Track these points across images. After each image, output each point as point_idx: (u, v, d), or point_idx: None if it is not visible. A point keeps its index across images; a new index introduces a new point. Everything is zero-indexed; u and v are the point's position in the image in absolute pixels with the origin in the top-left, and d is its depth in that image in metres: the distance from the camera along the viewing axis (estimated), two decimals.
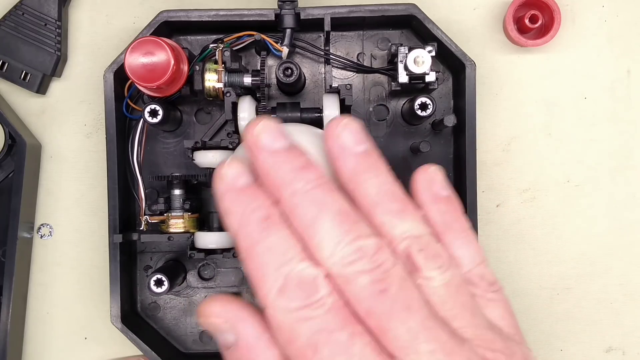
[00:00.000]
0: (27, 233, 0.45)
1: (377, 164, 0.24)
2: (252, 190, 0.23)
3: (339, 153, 0.24)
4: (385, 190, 0.24)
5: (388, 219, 0.23)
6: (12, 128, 0.43)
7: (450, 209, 0.26)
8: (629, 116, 0.46)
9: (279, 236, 0.22)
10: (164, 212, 0.41)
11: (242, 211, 0.23)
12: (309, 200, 0.22)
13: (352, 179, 0.24)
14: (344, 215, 0.22)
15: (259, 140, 0.23)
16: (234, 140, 0.40)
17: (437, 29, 0.42)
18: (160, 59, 0.37)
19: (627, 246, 0.46)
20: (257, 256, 0.22)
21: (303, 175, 0.23)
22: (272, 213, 0.23)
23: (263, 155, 0.23)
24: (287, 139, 0.23)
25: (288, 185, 0.23)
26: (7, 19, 0.44)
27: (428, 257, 0.23)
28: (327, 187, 0.23)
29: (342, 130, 0.24)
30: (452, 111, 0.44)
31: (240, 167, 0.24)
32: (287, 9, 0.41)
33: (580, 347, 0.46)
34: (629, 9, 0.46)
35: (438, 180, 0.27)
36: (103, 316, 0.45)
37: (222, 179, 0.23)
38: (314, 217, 0.22)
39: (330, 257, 0.22)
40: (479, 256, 0.26)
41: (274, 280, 0.22)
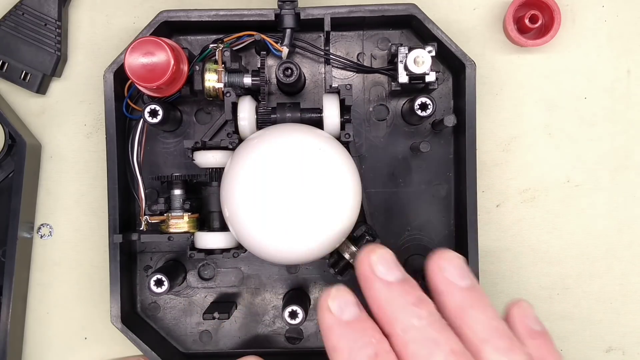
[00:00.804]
0: (27, 233, 0.45)
1: (482, 299, 0.24)
2: (361, 323, 0.23)
3: (445, 287, 0.24)
4: (493, 327, 0.24)
5: (496, 357, 0.23)
6: (12, 128, 0.43)
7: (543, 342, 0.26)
8: (629, 116, 0.46)
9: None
10: (164, 212, 0.41)
11: (350, 347, 0.22)
12: (422, 338, 0.22)
13: (458, 315, 0.24)
14: (457, 356, 0.22)
15: (375, 271, 0.23)
16: (234, 140, 0.40)
17: (437, 29, 0.42)
18: (160, 59, 0.37)
19: (627, 246, 0.46)
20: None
21: (416, 311, 0.23)
22: (381, 350, 0.22)
23: (378, 285, 0.23)
24: (402, 271, 0.23)
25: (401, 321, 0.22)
26: (7, 19, 0.44)
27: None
28: (439, 325, 0.23)
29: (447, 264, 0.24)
30: (452, 111, 0.44)
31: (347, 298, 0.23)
32: (287, 9, 0.41)
33: (580, 347, 0.46)
34: (629, 9, 0.46)
35: (530, 314, 0.27)
36: (103, 316, 0.45)
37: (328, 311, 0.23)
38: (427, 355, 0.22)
39: None
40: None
41: None
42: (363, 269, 0.23)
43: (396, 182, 0.45)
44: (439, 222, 0.45)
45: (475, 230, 0.42)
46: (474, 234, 0.42)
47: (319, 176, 0.34)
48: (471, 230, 0.42)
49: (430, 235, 0.45)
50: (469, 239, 0.42)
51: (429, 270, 0.24)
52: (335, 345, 0.23)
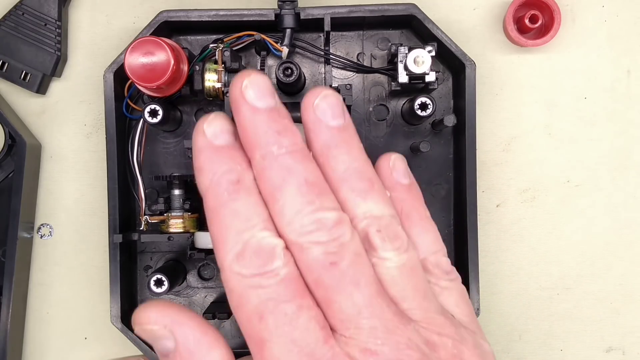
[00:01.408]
0: (27, 233, 0.45)
1: (350, 141, 0.24)
2: (229, 150, 0.23)
3: (313, 124, 0.24)
4: (354, 167, 0.24)
5: (352, 197, 0.23)
6: (12, 128, 0.43)
7: (409, 196, 0.26)
8: (629, 116, 0.46)
9: (246, 201, 0.22)
10: (164, 212, 0.41)
11: (214, 171, 0.22)
12: (278, 165, 0.22)
13: (322, 153, 0.24)
14: (310, 186, 0.22)
15: (244, 95, 0.22)
16: None
17: (437, 29, 0.42)
18: (160, 59, 0.37)
19: (627, 246, 0.46)
20: (221, 218, 0.22)
21: (278, 139, 0.22)
22: (244, 177, 0.22)
23: (244, 110, 0.22)
24: (273, 99, 0.23)
25: (261, 147, 0.22)
26: (7, 19, 0.44)
27: (385, 238, 0.23)
28: (299, 155, 0.22)
29: (320, 101, 0.23)
30: (452, 111, 0.44)
31: (223, 125, 0.23)
32: (287, 9, 0.41)
33: (580, 347, 0.46)
34: (629, 9, 0.46)
35: (399, 167, 0.27)
36: (103, 316, 0.45)
37: (202, 134, 0.23)
38: (279, 183, 0.22)
39: (289, 224, 0.22)
40: (436, 244, 0.26)
41: (233, 245, 0.22)
42: (233, 92, 0.23)
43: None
44: (439, 222, 0.44)
45: (475, 230, 0.42)
46: (474, 234, 0.42)
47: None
48: (471, 230, 0.42)
49: None
50: (469, 239, 0.42)
51: (302, 106, 0.24)
52: (201, 167, 0.23)
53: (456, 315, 0.25)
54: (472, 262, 0.41)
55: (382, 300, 0.22)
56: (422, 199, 0.27)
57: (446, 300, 0.25)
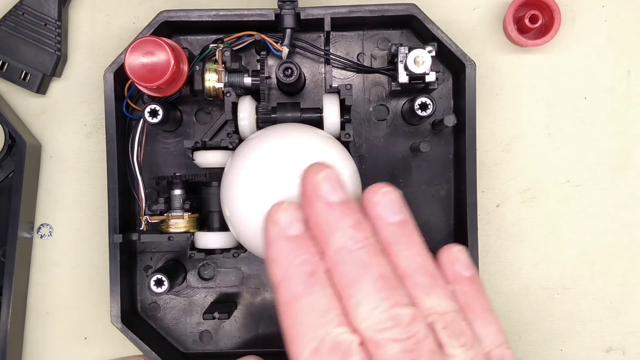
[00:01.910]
0: (27, 233, 0.45)
1: (411, 236, 0.24)
2: (303, 241, 0.23)
3: (374, 222, 0.24)
4: (416, 263, 0.24)
5: (416, 293, 0.23)
6: (12, 128, 0.43)
7: (472, 289, 0.26)
8: (628, 116, 0.46)
9: (321, 295, 0.22)
10: (164, 212, 0.41)
11: (289, 262, 0.22)
12: (353, 260, 0.22)
13: (385, 249, 0.24)
14: (385, 281, 0.22)
15: (318, 189, 0.23)
16: (234, 140, 0.40)
17: (437, 29, 0.42)
18: (160, 59, 0.37)
19: (627, 246, 0.46)
20: (296, 312, 0.22)
21: (353, 233, 0.22)
22: (318, 269, 0.22)
23: (319, 205, 0.23)
24: (345, 193, 0.23)
25: (337, 240, 0.22)
26: (7, 19, 0.44)
27: (452, 334, 0.23)
28: (374, 250, 0.22)
29: (381, 198, 0.24)
30: (452, 111, 0.44)
31: (295, 214, 0.23)
32: (287, 9, 0.41)
33: (580, 347, 0.46)
34: (629, 9, 0.46)
35: (461, 259, 0.26)
36: (103, 316, 0.45)
37: (275, 224, 0.23)
38: (355, 278, 0.22)
39: (365, 320, 0.22)
40: (500, 337, 0.26)
41: (309, 341, 0.21)
42: (306, 186, 0.23)
43: (396, 182, 0.45)
44: (439, 222, 0.45)
45: (475, 230, 0.42)
46: (474, 234, 0.42)
47: None
48: (471, 230, 0.42)
49: (430, 235, 0.45)
50: (469, 239, 0.42)
51: (364, 202, 0.24)
52: (275, 257, 0.23)
53: None
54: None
55: None
56: (484, 291, 0.27)
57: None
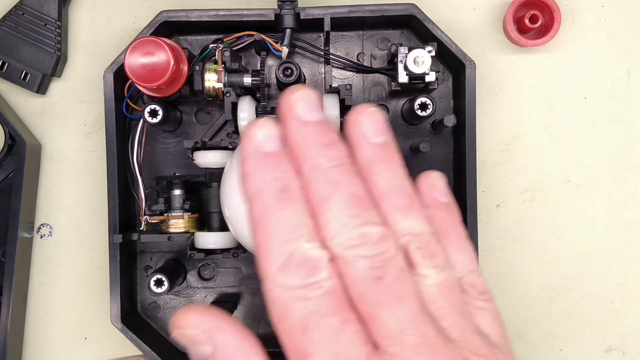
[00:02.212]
0: (27, 233, 0.45)
1: (392, 157, 0.24)
2: (277, 157, 0.23)
3: (357, 140, 0.24)
4: (394, 184, 0.24)
5: (392, 213, 0.23)
6: (12, 128, 0.43)
7: (448, 215, 0.26)
8: (629, 116, 0.46)
9: (293, 211, 0.22)
10: (164, 212, 0.41)
11: (262, 177, 0.22)
12: (326, 178, 0.22)
13: (364, 168, 0.24)
14: (356, 200, 0.22)
15: (294, 108, 0.23)
16: (234, 140, 0.40)
17: (437, 29, 0.42)
18: (160, 59, 0.37)
19: (627, 246, 0.46)
20: (266, 227, 0.22)
21: (327, 152, 0.23)
22: (291, 185, 0.22)
23: (294, 123, 0.23)
24: (321, 113, 0.23)
25: (310, 159, 0.22)
26: (7, 19, 0.44)
27: (425, 255, 0.23)
28: (346, 169, 0.23)
29: (366, 118, 0.24)
30: (452, 111, 0.44)
31: (272, 131, 0.23)
32: (287, 9, 0.41)
33: (580, 347, 0.46)
34: (629, 9, 0.46)
35: (439, 186, 0.27)
36: (103, 316, 0.45)
37: (251, 139, 0.23)
38: (326, 195, 0.22)
39: (335, 237, 0.22)
40: (472, 264, 0.26)
41: (277, 255, 0.22)
42: (282, 106, 0.23)
43: None
44: None
45: (475, 230, 0.42)
46: (474, 234, 0.42)
47: None
48: (471, 230, 0.42)
49: None
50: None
51: (347, 122, 0.24)
52: (249, 172, 0.23)
53: (490, 336, 0.25)
54: None
55: (425, 317, 0.22)
56: (459, 218, 0.27)
57: (481, 320, 0.25)
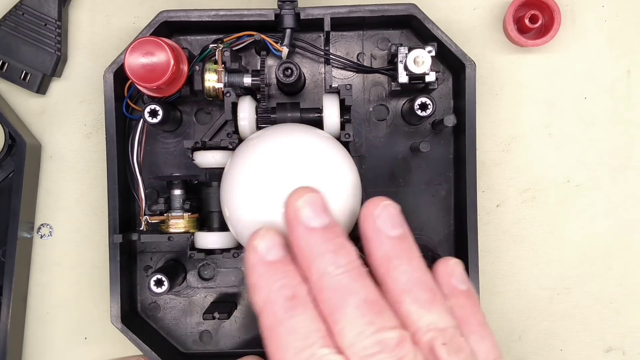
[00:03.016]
0: (27, 233, 0.45)
1: (410, 251, 0.24)
2: (283, 265, 0.23)
3: (374, 235, 0.24)
4: (416, 278, 0.24)
5: (415, 309, 0.23)
6: (12, 128, 0.43)
7: (468, 303, 0.26)
8: (629, 116, 0.46)
9: (303, 318, 0.22)
10: (164, 212, 0.41)
11: (269, 287, 0.22)
12: (336, 285, 0.22)
13: (383, 263, 0.24)
14: (369, 305, 0.22)
15: (299, 214, 0.23)
16: (234, 140, 0.40)
17: (437, 29, 0.42)
18: (160, 59, 0.37)
19: (627, 246, 0.46)
20: (279, 337, 0.22)
21: (335, 258, 0.22)
22: (299, 291, 0.22)
23: (300, 230, 0.23)
24: (328, 217, 0.23)
25: (318, 266, 0.22)
26: (7, 19, 0.44)
27: (451, 351, 0.23)
28: (357, 274, 0.22)
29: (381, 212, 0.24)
30: (452, 111, 0.44)
31: (274, 240, 0.23)
32: (287, 9, 0.41)
33: (580, 347, 0.46)
34: (629, 9, 0.46)
35: (457, 273, 0.26)
36: (103, 316, 0.45)
37: (254, 250, 0.23)
38: (339, 303, 0.22)
39: (350, 346, 0.21)
40: (494, 352, 0.26)
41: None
42: (288, 212, 0.23)
43: (396, 182, 0.45)
44: (439, 222, 0.45)
45: (475, 230, 0.42)
46: (474, 234, 0.42)
47: (318, 176, 0.34)
48: (471, 230, 0.42)
49: (430, 235, 0.45)
50: (469, 239, 0.42)
51: (361, 216, 0.24)
52: (255, 283, 0.23)
53: None
54: (472, 262, 0.41)
55: None
56: (479, 304, 0.27)
57: None
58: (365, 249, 0.24)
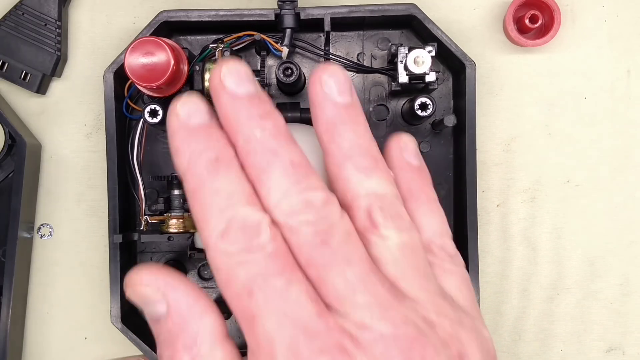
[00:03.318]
0: (27, 233, 0.45)
1: (356, 118, 0.24)
2: (206, 129, 0.22)
3: (320, 100, 0.23)
4: (359, 144, 0.23)
5: (355, 174, 0.23)
6: (12, 128, 0.43)
7: (418, 177, 0.26)
8: (629, 116, 0.46)
9: (227, 178, 0.22)
10: (164, 212, 0.41)
11: (192, 150, 0.22)
12: (263, 148, 0.22)
13: (327, 129, 0.23)
14: (296, 167, 0.22)
15: (224, 83, 0.22)
16: None
17: (437, 29, 0.42)
18: (160, 59, 0.37)
19: (627, 246, 0.46)
20: (202, 197, 0.22)
21: (261, 122, 0.22)
22: (223, 154, 0.22)
23: (225, 98, 0.22)
24: (253, 85, 0.23)
25: (244, 131, 0.22)
26: (7, 19, 0.44)
27: (387, 216, 0.23)
28: (283, 138, 0.22)
29: (328, 77, 0.23)
30: (452, 111, 0.44)
31: (196, 105, 0.23)
32: (287, 9, 0.41)
33: (580, 347, 0.46)
34: (629, 9, 0.46)
35: (410, 148, 0.26)
36: (103, 316, 0.45)
37: (176, 115, 0.22)
38: (265, 166, 0.22)
39: (277, 205, 0.21)
40: (442, 227, 0.26)
41: (217, 223, 0.21)
42: (213, 81, 0.23)
43: None
44: None
45: (475, 230, 0.42)
46: (474, 234, 0.42)
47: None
48: (471, 230, 0.42)
49: None
50: (469, 239, 0.42)
51: (310, 82, 0.24)
52: (177, 147, 0.22)
53: (457, 300, 0.24)
54: (472, 262, 0.41)
55: (375, 277, 0.22)
56: (431, 182, 0.26)
57: (448, 283, 0.25)
58: (312, 115, 0.24)
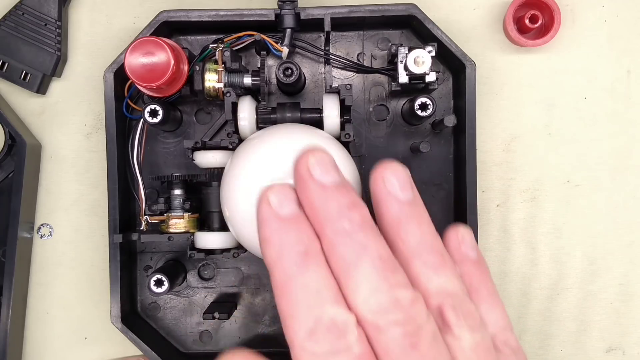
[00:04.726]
0: (27, 233, 0.45)
1: (420, 214, 0.24)
2: (296, 221, 0.22)
3: (384, 198, 0.23)
4: (425, 241, 0.24)
5: (424, 272, 0.23)
6: (12, 128, 0.43)
7: (478, 271, 0.26)
8: (629, 116, 0.46)
9: (316, 274, 0.22)
10: (164, 212, 0.41)
11: (282, 242, 0.22)
12: (350, 242, 0.22)
13: (393, 226, 0.23)
14: (384, 262, 0.22)
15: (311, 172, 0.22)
16: (234, 140, 0.40)
17: (437, 29, 0.42)
18: (160, 59, 0.37)
19: (627, 246, 0.46)
20: (291, 293, 0.22)
21: (349, 214, 0.22)
22: (311, 248, 0.22)
23: (312, 187, 0.22)
24: (339, 174, 0.23)
25: (332, 223, 0.22)
26: (7, 19, 0.44)
27: (459, 314, 0.23)
28: (371, 231, 0.22)
29: (391, 175, 0.23)
30: (452, 111, 0.44)
31: (288, 195, 0.23)
32: (287, 9, 0.41)
33: (580, 347, 0.46)
34: (629, 9, 0.46)
35: (467, 241, 0.26)
36: (103, 316, 0.45)
37: (268, 204, 0.23)
38: (354, 259, 0.22)
39: (364, 303, 0.21)
40: (504, 321, 0.26)
41: (304, 321, 0.21)
42: (299, 169, 0.23)
43: None
44: (439, 222, 0.45)
45: (475, 230, 0.42)
46: (474, 233, 0.42)
47: None
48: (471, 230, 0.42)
49: None
50: None
51: (372, 180, 0.24)
52: (267, 238, 0.22)
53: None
54: None
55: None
56: (489, 273, 0.26)
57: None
58: (376, 212, 0.24)
